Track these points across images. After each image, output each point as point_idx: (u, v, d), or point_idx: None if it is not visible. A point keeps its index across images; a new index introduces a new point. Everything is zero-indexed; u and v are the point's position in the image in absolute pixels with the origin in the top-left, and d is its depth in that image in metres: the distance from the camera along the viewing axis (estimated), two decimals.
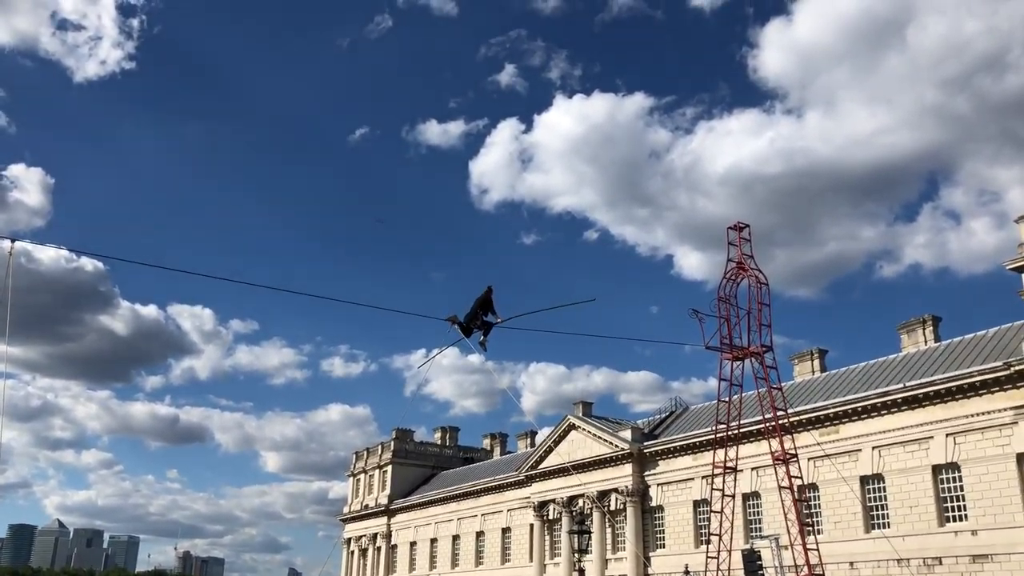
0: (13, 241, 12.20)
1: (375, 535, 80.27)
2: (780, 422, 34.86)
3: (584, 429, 55.13)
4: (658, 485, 50.07)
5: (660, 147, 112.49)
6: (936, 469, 36.56)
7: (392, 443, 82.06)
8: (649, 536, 50.15)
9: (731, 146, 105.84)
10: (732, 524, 36.77)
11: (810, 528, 35.63)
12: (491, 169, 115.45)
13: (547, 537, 58.28)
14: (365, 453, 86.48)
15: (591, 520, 52.32)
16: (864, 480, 39.01)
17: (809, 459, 40.06)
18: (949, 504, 36.16)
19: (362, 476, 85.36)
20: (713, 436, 39.83)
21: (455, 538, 68.82)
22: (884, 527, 37.77)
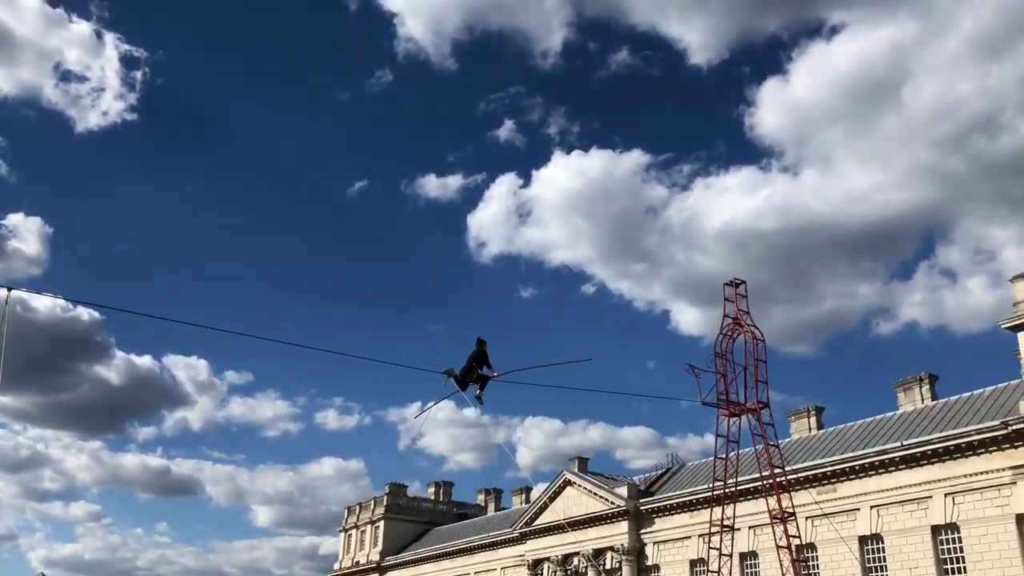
0: (10, 290, 12.15)
1: None
2: (778, 480, 34.53)
3: (580, 485, 54.52)
4: (654, 543, 49.34)
5: (657, 203, 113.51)
6: (936, 529, 36.12)
7: (385, 498, 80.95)
8: None
9: (727, 203, 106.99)
10: None
11: None
12: (489, 223, 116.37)
13: None
14: (357, 508, 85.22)
15: None
16: (863, 540, 38.48)
17: (807, 518, 39.57)
18: (949, 565, 35.63)
19: (354, 531, 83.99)
20: (710, 493, 39.38)
21: None
22: None
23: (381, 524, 79.56)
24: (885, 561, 37.53)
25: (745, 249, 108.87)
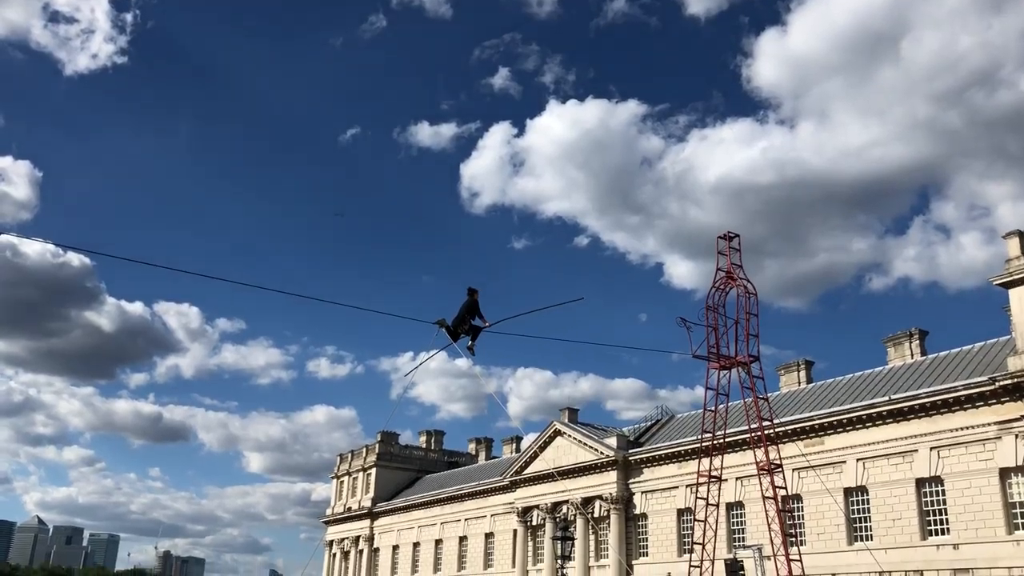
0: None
1: (357, 538, 79.88)
2: (765, 432, 34.89)
3: (570, 435, 55.07)
4: (642, 493, 50.04)
5: (652, 154, 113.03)
6: (920, 482, 36.67)
7: (377, 446, 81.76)
8: (632, 544, 50.11)
9: (723, 155, 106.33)
10: (716, 533, 36.76)
11: (793, 539, 35.65)
12: (482, 172, 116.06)
13: (530, 543, 58.16)
14: (349, 455, 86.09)
15: (575, 527, 52.23)
16: (848, 492, 39.08)
17: (794, 470, 40.11)
18: (932, 518, 36.26)
19: (346, 478, 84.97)
20: (698, 445, 39.83)
21: (438, 542, 68.57)
22: (867, 539, 37.84)
23: (373, 472, 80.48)
24: (869, 512, 38.17)
25: (740, 202, 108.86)
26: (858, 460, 38.87)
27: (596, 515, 52.08)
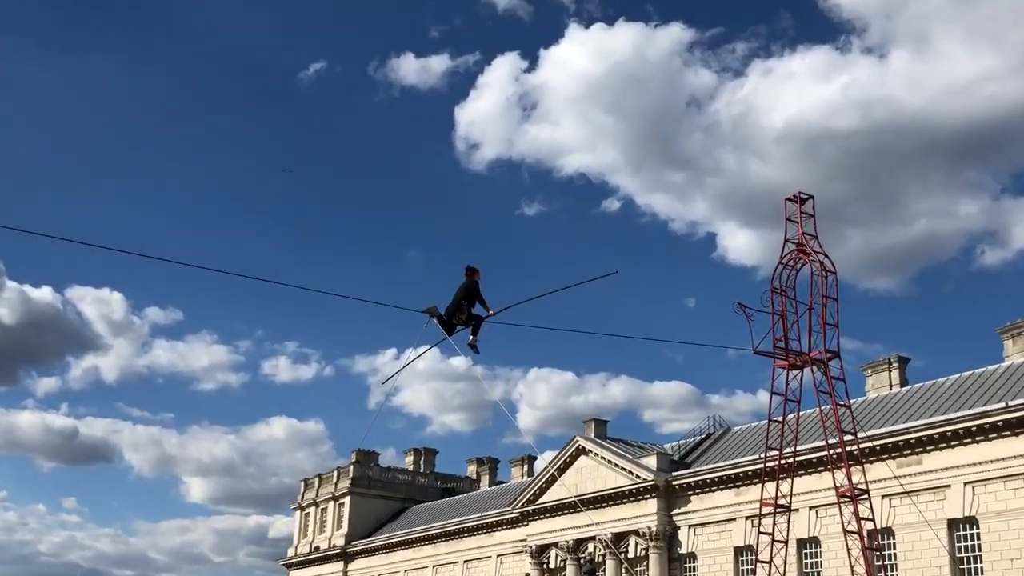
0: None
1: None
2: (848, 449, 34.87)
3: (597, 455, 55.21)
4: (690, 527, 50.18)
5: (702, 93, 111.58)
6: None
7: (351, 468, 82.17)
8: None
9: (793, 93, 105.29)
10: None
11: None
12: (483, 118, 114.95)
13: None
14: (316, 481, 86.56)
15: (604, 570, 52.42)
16: (953, 524, 39.08)
17: (884, 496, 40.13)
18: None
19: (312, 510, 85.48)
20: (761, 466, 39.86)
21: None
22: None
23: (346, 501, 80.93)
24: (980, 551, 38.18)
25: (814, 154, 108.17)
26: (966, 484, 38.84)
27: (631, 555, 52.28)
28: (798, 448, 38.34)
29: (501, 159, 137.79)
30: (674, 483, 50.82)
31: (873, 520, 35.13)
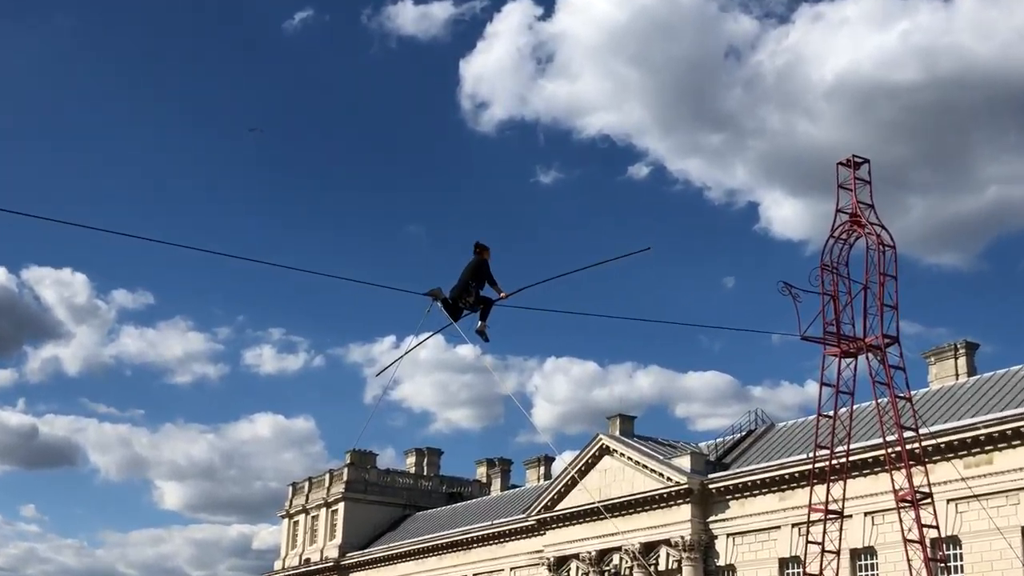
0: None
1: None
2: (908, 447, 34.84)
3: (623, 455, 55.30)
4: (728, 536, 50.27)
5: (742, 42, 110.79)
6: None
7: (346, 471, 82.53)
8: None
9: (846, 42, 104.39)
10: None
11: None
12: (492, 73, 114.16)
13: None
14: (306, 485, 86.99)
15: None
16: None
17: (949, 501, 40.10)
18: None
19: (302, 518, 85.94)
20: (810, 467, 39.86)
21: None
22: None
23: (340, 507, 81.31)
24: None
25: (870, 112, 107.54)
26: None
27: (662, 567, 52.43)
28: (851, 446, 38.29)
29: (513, 119, 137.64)
30: (710, 487, 50.87)
31: (937, 527, 35.13)
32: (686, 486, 51.20)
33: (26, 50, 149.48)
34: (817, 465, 37.98)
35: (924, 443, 37.52)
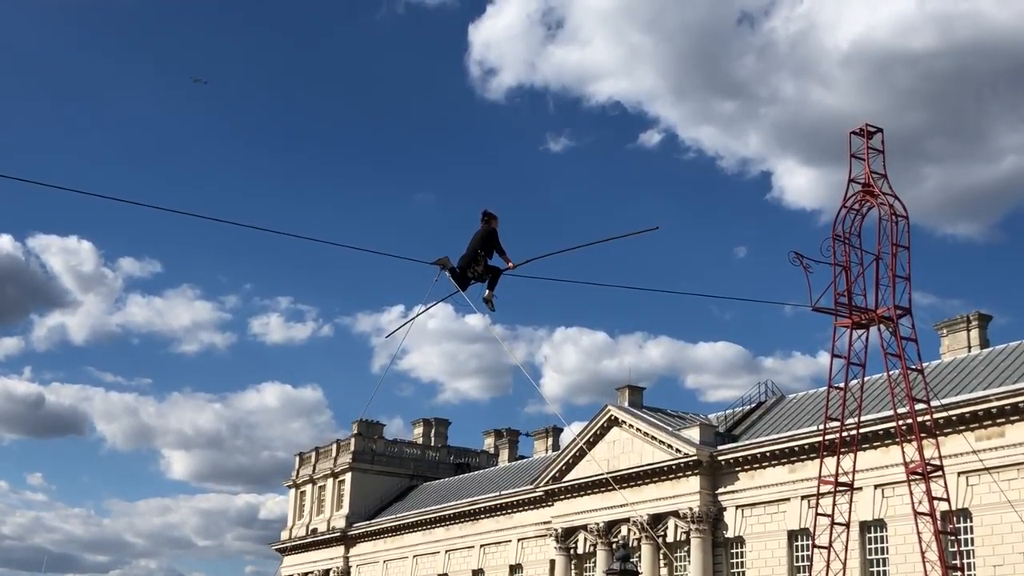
0: None
1: (327, 572, 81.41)
2: (919, 420, 34.86)
3: (632, 426, 55.41)
4: (737, 508, 50.42)
5: (755, 8, 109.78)
6: None
7: (353, 441, 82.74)
8: None
9: (861, 8, 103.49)
10: (845, 565, 37.05)
11: (958, 571, 35.89)
12: (501, 38, 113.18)
13: None
14: (313, 455, 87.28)
15: (639, 556, 52.79)
16: None
17: (960, 474, 40.18)
18: None
19: (309, 488, 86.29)
20: (820, 439, 39.94)
21: None
22: None
23: (347, 478, 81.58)
24: None
25: (886, 79, 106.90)
26: None
27: (670, 539, 52.61)
28: (862, 418, 38.32)
29: (522, 86, 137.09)
30: (720, 458, 50.97)
31: (948, 500, 35.16)
32: (695, 458, 51.31)
33: (26, 9, 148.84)
34: (827, 437, 38.06)
35: (935, 415, 37.55)
